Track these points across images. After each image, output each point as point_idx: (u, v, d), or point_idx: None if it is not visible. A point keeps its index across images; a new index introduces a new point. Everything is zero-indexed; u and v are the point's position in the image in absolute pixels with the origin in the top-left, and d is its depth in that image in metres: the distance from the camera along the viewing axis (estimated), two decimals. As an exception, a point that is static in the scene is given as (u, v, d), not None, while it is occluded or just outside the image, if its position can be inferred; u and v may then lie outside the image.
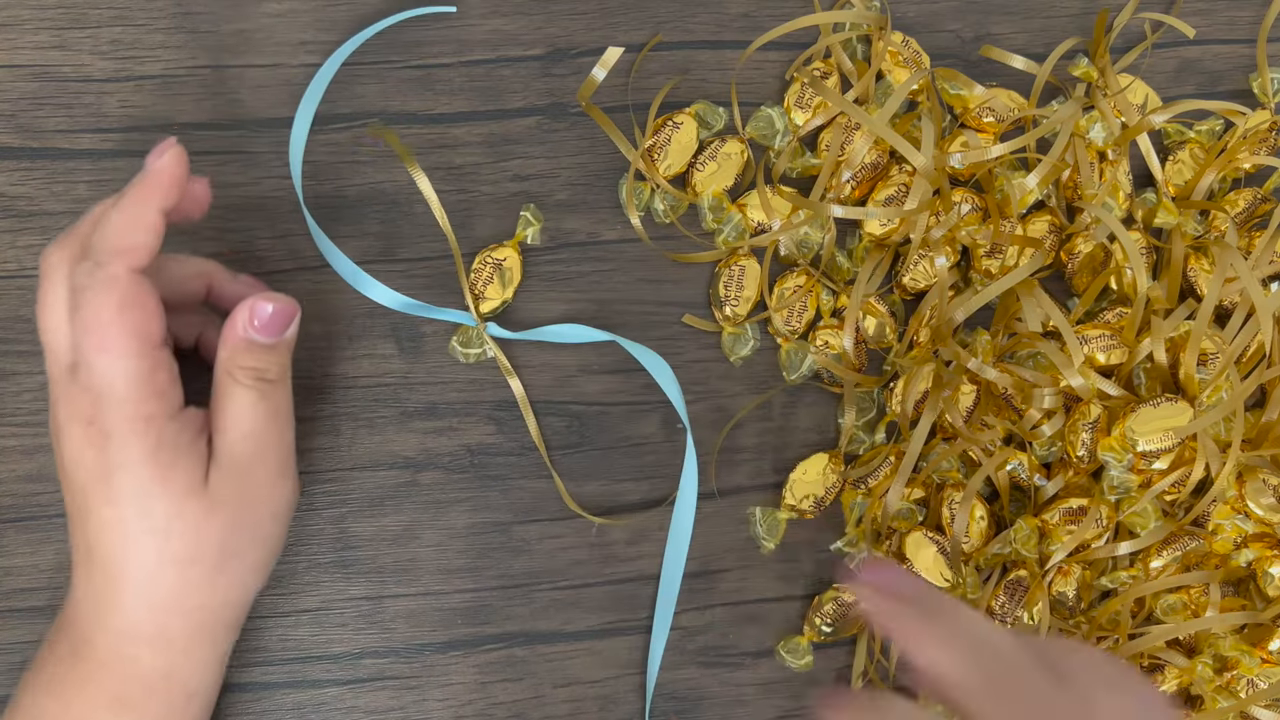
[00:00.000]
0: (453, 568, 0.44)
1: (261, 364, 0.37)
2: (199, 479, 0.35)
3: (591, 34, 0.47)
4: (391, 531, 0.44)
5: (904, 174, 0.46)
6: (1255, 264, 0.46)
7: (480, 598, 0.44)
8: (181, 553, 0.35)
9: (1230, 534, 0.45)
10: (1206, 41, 0.50)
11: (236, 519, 0.36)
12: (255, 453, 0.37)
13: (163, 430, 0.35)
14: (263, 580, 0.39)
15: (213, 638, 0.37)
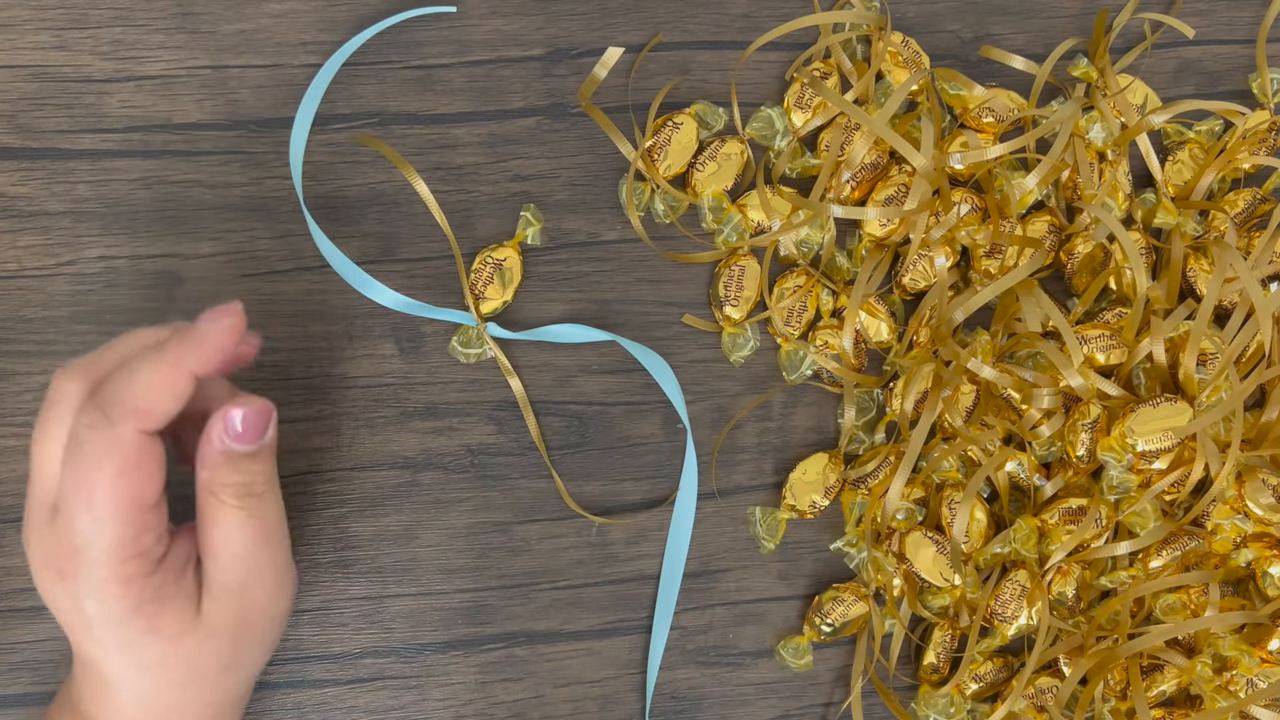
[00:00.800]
0: (453, 568, 0.44)
1: (246, 477, 0.34)
2: (191, 616, 0.34)
3: (591, 34, 0.47)
4: (391, 531, 0.44)
5: (904, 174, 0.46)
6: (1255, 264, 0.47)
7: (480, 598, 0.44)
8: (179, 679, 0.34)
9: (1230, 534, 0.45)
10: (1206, 42, 0.50)
11: (236, 640, 0.35)
12: (249, 574, 0.34)
13: (143, 588, 0.33)
14: (263, 665, 0.38)
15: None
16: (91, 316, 0.43)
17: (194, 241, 0.44)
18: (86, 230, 0.43)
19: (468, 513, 0.44)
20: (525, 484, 0.45)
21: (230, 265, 0.44)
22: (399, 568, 0.44)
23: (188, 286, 0.44)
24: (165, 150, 0.44)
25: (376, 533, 0.44)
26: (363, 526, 0.44)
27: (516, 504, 0.45)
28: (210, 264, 0.44)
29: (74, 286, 0.43)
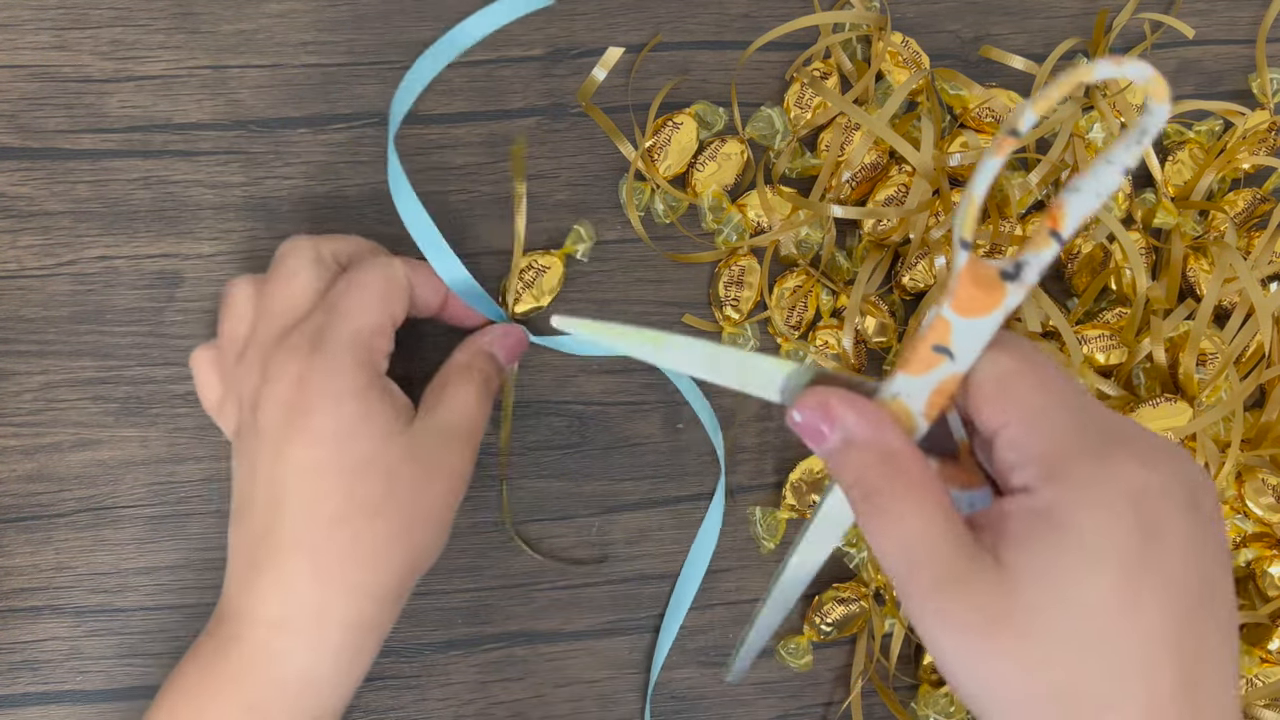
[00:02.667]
0: (453, 568, 0.44)
1: (494, 375, 0.40)
2: (400, 427, 0.36)
3: (591, 34, 0.47)
4: (392, 531, 0.44)
5: (904, 174, 0.46)
6: (1254, 264, 0.47)
7: (480, 598, 0.44)
8: (368, 501, 0.35)
9: (1230, 534, 0.45)
10: (1206, 42, 0.50)
11: (427, 480, 0.36)
12: (462, 430, 0.38)
13: (376, 369, 0.36)
14: (399, 608, 0.37)
15: (361, 644, 0.36)
16: (91, 316, 0.43)
17: (194, 241, 0.44)
18: (86, 230, 0.43)
19: (468, 513, 0.44)
20: (525, 484, 0.45)
21: (230, 265, 0.44)
22: (399, 568, 0.44)
23: (188, 286, 0.44)
24: (165, 150, 0.44)
25: (376, 533, 0.44)
26: (363, 526, 0.44)
27: (516, 504, 0.45)
28: (210, 264, 0.44)
29: (74, 286, 0.43)
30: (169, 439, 0.43)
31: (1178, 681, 0.28)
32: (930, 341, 0.30)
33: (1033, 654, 0.28)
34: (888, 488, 0.30)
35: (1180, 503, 0.29)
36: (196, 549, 0.43)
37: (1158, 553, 0.28)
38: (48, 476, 0.43)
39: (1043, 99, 0.28)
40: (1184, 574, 0.29)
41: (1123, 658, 0.28)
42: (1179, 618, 0.28)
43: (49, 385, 0.43)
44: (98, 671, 0.42)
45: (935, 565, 0.29)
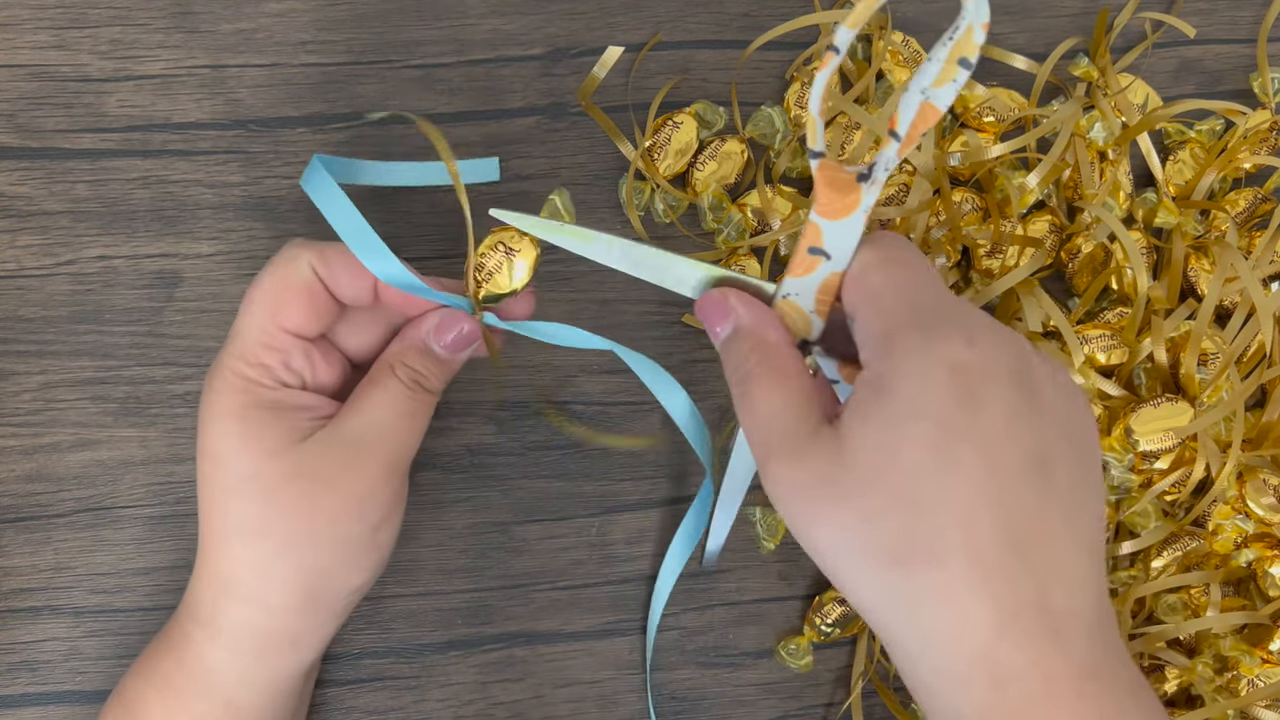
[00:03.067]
0: (453, 568, 0.44)
1: (426, 370, 0.37)
2: (292, 440, 0.35)
3: (591, 34, 0.47)
4: (391, 531, 0.44)
5: (904, 174, 0.46)
6: (1256, 264, 0.46)
7: (480, 598, 0.44)
8: (246, 519, 0.34)
9: (1231, 534, 0.45)
10: (1207, 41, 0.50)
11: (314, 498, 0.34)
12: (369, 442, 0.35)
13: (260, 394, 0.35)
14: (335, 608, 0.36)
15: (261, 646, 0.35)
16: (90, 316, 0.43)
17: (193, 241, 0.44)
18: (85, 230, 0.43)
19: (467, 513, 0.44)
20: (525, 484, 0.45)
21: (229, 265, 0.44)
22: (399, 568, 0.44)
23: (187, 286, 0.44)
24: (164, 150, 0.44)
25: (376, 533, 0.44)
26: (362, 527, 0.44)
27: (516, 504, 0.45)
28: (209, 264, 0.44)
29: (73, 286, 0.43)
30: (168, 439, 0.43)
31: (1000, 538, 0.30)
32: (805, 245, 0.34)
33: (864, 511, 0.30)
34: (757, 373, 0.34)
35: (1005, 378, 0.31)
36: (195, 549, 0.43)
37: (975, 420, 0.30)
38: (47, 477, 0.43)
39: (854, 14, 0.31)
40: (1005, 442, 0.30)
41: (943, 513, 0.30)
42: (999, 480, 0.30)
43: (48, 385, 0.43)
44: (97, 672, 0.42)
45: (785, 440, 0.32)
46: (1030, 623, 0.30)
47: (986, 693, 0.30)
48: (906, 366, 0.31)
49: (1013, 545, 0.30)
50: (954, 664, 0.30)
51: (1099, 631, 0.31)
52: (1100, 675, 0.31)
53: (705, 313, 0.36)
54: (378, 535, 0.36)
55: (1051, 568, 0.30)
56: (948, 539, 0.30)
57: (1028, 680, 0.30)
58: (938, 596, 0.30)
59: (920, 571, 0.30)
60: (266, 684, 0.36)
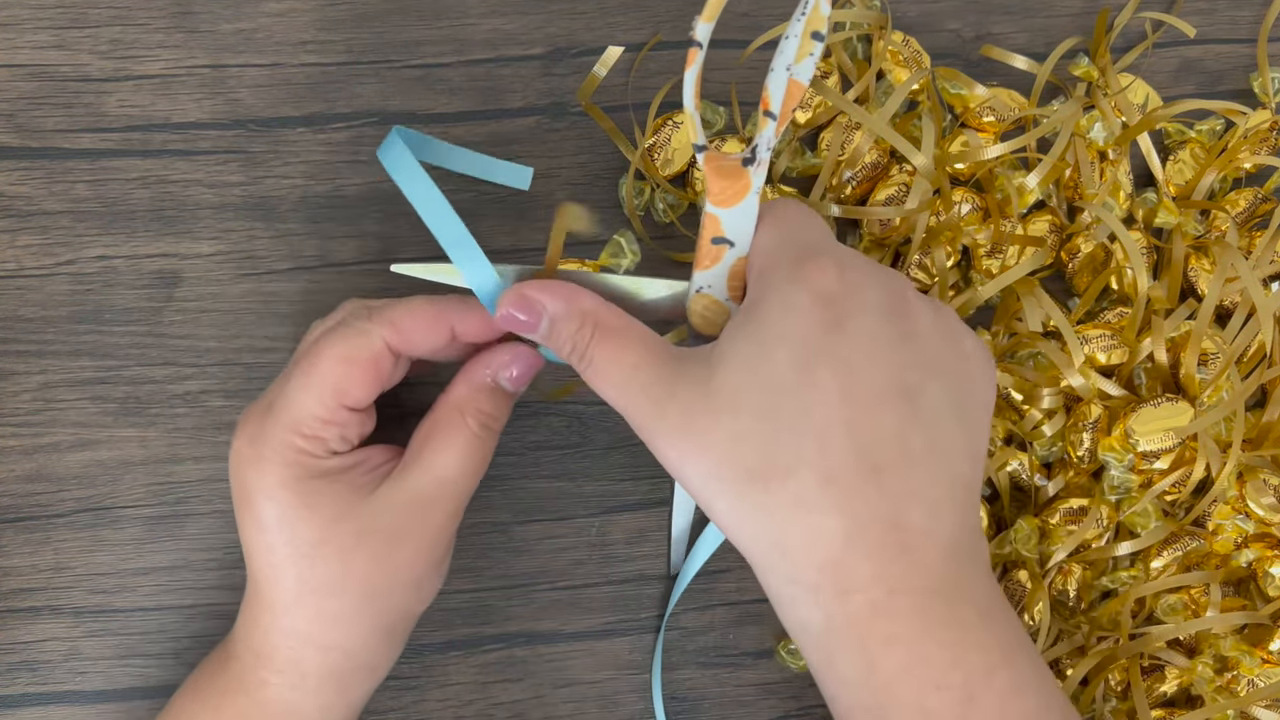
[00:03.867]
0: (453, 568, 0.44)
1: (495, 411, 0.37)
2: (352, 504, 0.34)
3: (591, 33, 0.47)
4: (391, 532, 0.44)
5: (904, 174, 0.46)
6: (1256, 264, 0.46)
7: (480, 598, 0.44)
8: (324, 582, 0.34)
9: (1231, 534, 0.45)
10: (1207, 41, 0.50)
11: (387, 554, 0.35)
12: (440, 493, 0.36)
13: (315, 465, 0.34)
14: (401, 641, 0.38)
15: (342, 683, 0.36)
16: (90, 316, 0.43)
17: (193, 241, 0.44)
18: (85, 230, 0.43)
19: (467, 513, 0.44)
20: (525, 484, 0.45)
21: (229, 265, 0.44)
22: (398, 568, 0.44)
23: (186, 286, 0.44)
24: (164, 149, 0.44)
25: (376, 533, 0.44)
26: (362, 527, 0.44)
27: (516, 504, 0.45)
28: (209, 264, 0.44)
29: (73, 286, 0.43)
30: (168, 439, 0.43)
31: (852, 455, 0.31)
32: (708, 236, 0.34)
33: (731, 431, 0.31)
34: (596, 340, 0.34)
35: (873, 308, 0.32)
36: (195, 549, 0.43)
37: (837, 343, 0.32)
38: (46, 477, 0.43)
39: (711, 5, 0.31)
40: (866, 366, 0.32)
41: (799, 429, 0.31)
42: (855, 402, 0.31)
43: (47, 385, 0.43)
44: (96, 672, 0.42)
45: (650, 387, 0.33)
46: (879, 537, 0.31)
47: (832, 601, 0.31)
48: (777, 293, 0.33)
49: (866, 463, 0.31)
50: (804, 573, 0.32)
51: (956, 554, 0.32)
52: (948, 595, 0.32)
53: (512, 318, 0.34)
54: (443, 566, 0.38)
55: (907, 489, 0.31)
56: (803, 453, 0.31)
57: (871, 591, 0.31)
58: (792, 508, 0.31)
59: (778, 485, 0.31)
60: (345, 713, 0.37)
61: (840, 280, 0.33)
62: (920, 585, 0.31)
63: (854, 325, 0.32)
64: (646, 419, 0.33)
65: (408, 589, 0.36)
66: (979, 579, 0.33)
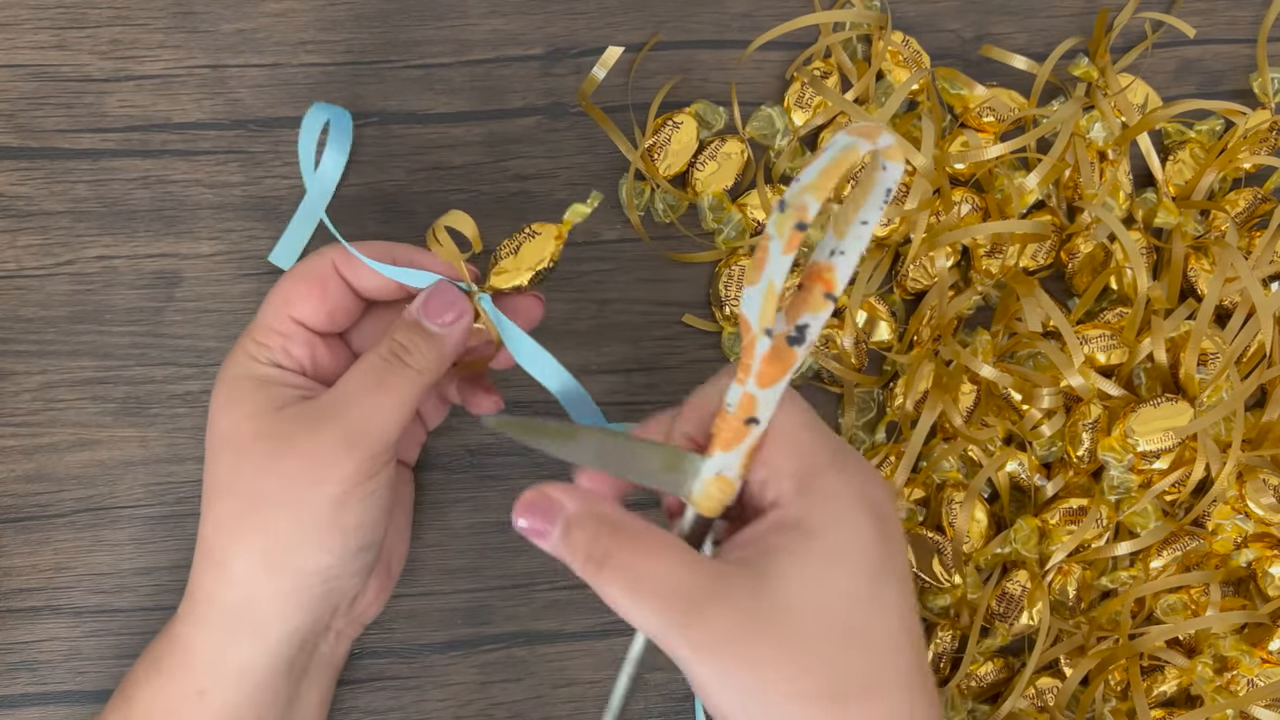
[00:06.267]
0: (453, 568, 0.44)
1: (409, 343, 0.36)
2: (262, 410, 0.35)
3: (591, 34, 0.47)
4: (391, 531, 0.44)
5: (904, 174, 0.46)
6: (1256, 264, 0.46)
7: (480, 598, 0.44)
8: (221, 478, 0.36)
9: (1230, 534, 0.45)
10: (1207, 41, 0.50)
11: (276, 458, 0.34)
12: (335, 408, 0.35)
13: (253, 368, 0.36)
14: (299, 590, 0.35)
15: (230, 625, 0.35)
16: (90, 316, 0.43)
17: (193, 241, 0.44)
18: (85, 230, 0.43)
19: (467, 513, 0.44)
20: (525, 484, 0.44)
21: (229, 265, 0.44)
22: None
23: (186, 286, 0.44)
24: (164, 150, 0.44)
25: (376, 533, 0.44)
26: (362, 527, 0.44)
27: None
28: (209, 264, 0.44)
29: (73, 286, 0.43)
30: (168, 439, 0.43)
31: (917, 661, 0.32)
32: (742, 418, 0.32)
33: (798, 650, 0.30)
34: (616, 546, 0.31)
35: (895, 510, 0.33)
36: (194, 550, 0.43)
37: (892, 553, 0.32)
38: (46, 477, 0.43)
39: (819, 187, 0.29)
40: (906, 570, 0.33)
41: (876, 646, 0.31)
42: (909, 607, 0.32)
43: (48, 385, 0.43)
44: (96, 672, 0.42)
45: (685, 594, 0.30)
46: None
47: None
48: (834, 506, 0.31)
49: (924, 668, 0.32)
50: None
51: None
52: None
53: (530, 521, 0.32)
54: (341, 515, 0.35)
55: (934, 686, 0.33)
56: (885, 672, 0.31)
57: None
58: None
59: (861, 705, 0.30)
60: (237, 674, 0.36)
61: (875, 486, 0.32)
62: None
63: (896, 533, 0.32)
64: (680, 628, 0.30)
65: (291, 512, 0.34)
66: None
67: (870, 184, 0.31)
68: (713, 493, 0.33)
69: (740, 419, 0.32)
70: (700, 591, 0.30)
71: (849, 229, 0.31)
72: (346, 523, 0.35)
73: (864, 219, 0.31)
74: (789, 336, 0.31)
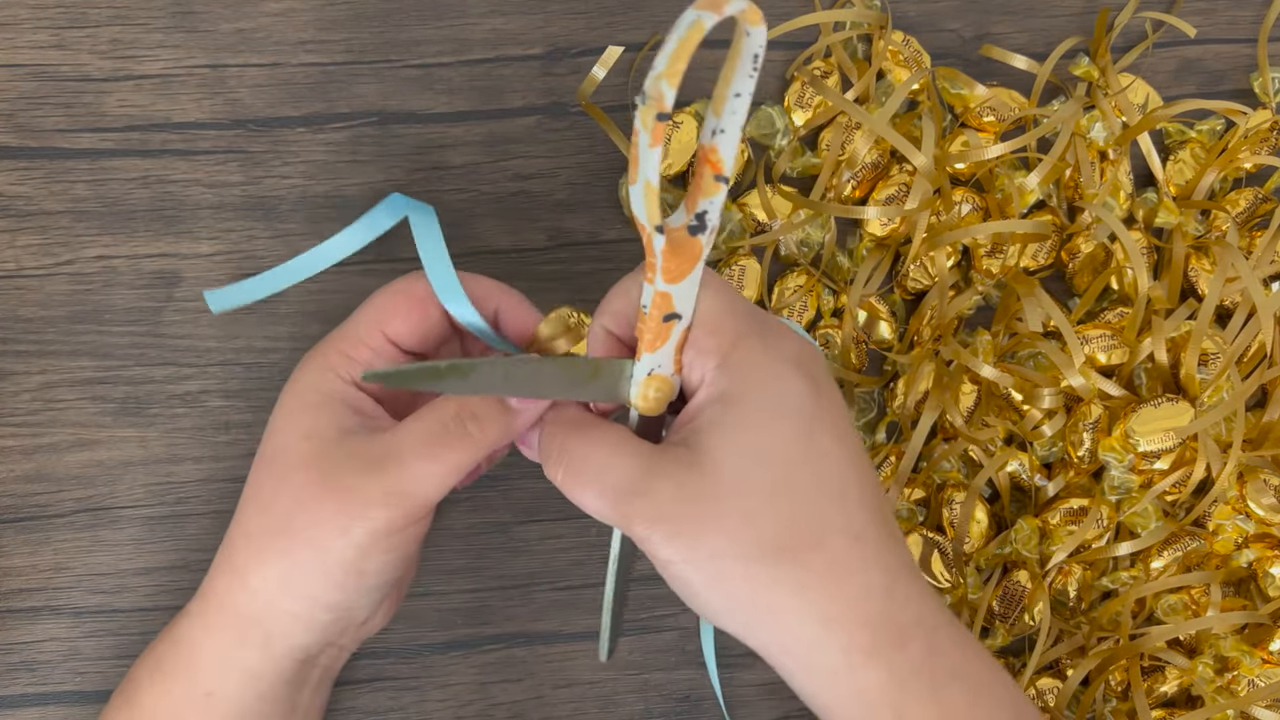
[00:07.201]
0: (453, 568, 0.44)
1: (482, 414, 0.35)
2: (323, 435, 0.35)
3: (591, 33, 0.47)
4: (391, 532, 0.44)
5: (905, 173, 0.46)
6: (1256, 264, 0.46)
7: (480, 598, 0.44)
8: (263, 492, 0.35)
9: (1231, 534, 0.45)
10: (1207, 41, 0.50)
11: (312, 496, 0.34)
12: (382, 463, 0.34)
13: (326, 381, 0.36)
14: (311, 618, 0.35)
15: (239, 632, 0.35)
16: (90, 316, 0.43)
17: (192, 241, 0.44)
18: (85, 229, 0.43)
19: (467, 513, 0.44)
20: (525, 484, 0.45)
21: (229, 265, 0.44)
22: (398, 568, 0.44)
23: (186, 286, 0.44)
24: (163, 149, 0.44)
25: (376, 533, 0.44)
26: (362, 527, 0.44)
27: (516, 504, 0.45)
28: (209, 264, 0.44)
29: (72, 286, 0.43)
30: (167, 439, 0.43)
31: (870, 513, 0.32)
32: (659, 315, 0.32)
33: (744, 511, 0.31)
34: (572, 443, 0.33)
35: (822, 364, 0.34)
36: (194, 550, 0.43)
37: (824, 407, 0.32)
38: (46, 477, 0.43)
39: (673, 72, 0.27)
40: (843, 422, 0.33)
41: (809, 497, 0.32)
42: (855, 462, 0.33)
43: (47, 385, 0.43)
44: (96, 673, 0.42)
45: (631, 480, 0.32)
46: (909, 582, 0.32)
47: (894, 654, 0.32)
48: (759, 370, 0.32)
49: (878, 517, 0.33)
50: (857, 636, 0.32)
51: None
52: (951, 619, 0.34)
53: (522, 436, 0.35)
54: (364, 561, 0.35)
55: (897, 532, 0.33)
56: (828, 520, 0.32)
57: (919, 634, 0.32)
58: (827, 574, 0.31)
59: (807, 555, 0.31)
60: (243, 678, 0.36)
61: (799, 343, 0.33)
62: (944, 617, 0.33)
63: (828, 388, 0.33)
64: (631, 508, 0.31)
65: (314, 551, 0.34)
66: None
67: (738, 55, 0.29)
68: (650, 393, 0.33)
69: (658, 317, 0.32)
70: (641, 473, 0.32)
71: (724, 105, 0.30)
72: (367, 567, 0.35)
73: (737, 91, 0.30)
74: (690, 226, 0.31)
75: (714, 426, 0.32)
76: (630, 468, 0.32)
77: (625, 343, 0.35)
